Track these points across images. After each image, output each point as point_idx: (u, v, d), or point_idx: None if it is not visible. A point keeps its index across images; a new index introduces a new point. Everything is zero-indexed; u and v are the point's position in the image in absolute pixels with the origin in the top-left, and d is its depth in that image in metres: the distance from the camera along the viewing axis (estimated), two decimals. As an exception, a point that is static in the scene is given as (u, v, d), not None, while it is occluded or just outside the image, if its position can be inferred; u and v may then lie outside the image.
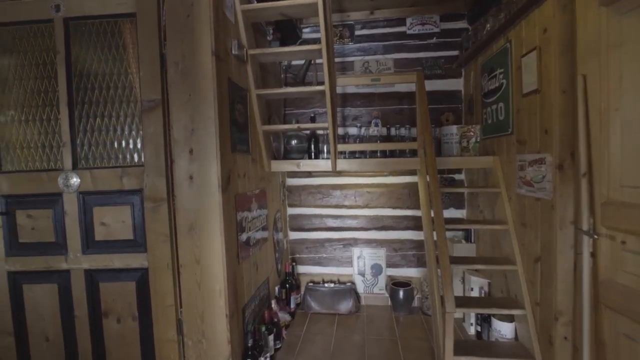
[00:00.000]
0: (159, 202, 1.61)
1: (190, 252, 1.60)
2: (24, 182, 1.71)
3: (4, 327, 1.75)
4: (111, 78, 1.64)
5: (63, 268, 1.70)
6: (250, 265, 1.95)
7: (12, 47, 1.68)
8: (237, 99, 1.84)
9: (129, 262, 1.66)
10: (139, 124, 1.63)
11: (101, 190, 1.66)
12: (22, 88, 1.69)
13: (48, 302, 1.72)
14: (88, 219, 1.68)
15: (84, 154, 1.68)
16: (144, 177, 1.62)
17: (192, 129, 1.56)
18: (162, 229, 1.62)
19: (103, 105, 1.66)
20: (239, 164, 1.84)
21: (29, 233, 1.72)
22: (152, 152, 1.60)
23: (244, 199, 1.87)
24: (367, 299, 2.78)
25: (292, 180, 2.90)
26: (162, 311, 1.64)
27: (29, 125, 1.70)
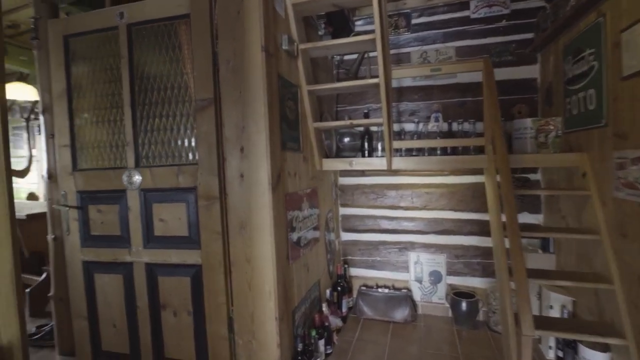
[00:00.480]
0: (211, 200, 1.62)
1: (241, 251, 1.59)
2: (95, 179, 1.84)
3: (80, 312, 1.91)
4: (168, 79, 1.69)
5: (127, 260, 1.80)
6: (301, 267, 1.89)
7: (86, 55, 1.82)
8: (287, 96, 1.79)
9: (184, 258, 1.70)
10: (193, 123, 1.66)
11: (160, 188, 1.72)
12: (94, 92, 1.82)
13: (115, 291, 1.84)
14: (148, 214, 1.76)
15: (145, 152, 1.76)
16: (198, 175, 1.64)
17: (243, 126, 1.54)
18: (215, 227, 1.62)
19: (161, 106, 1.71)
20: (290, 162, 1.78)
21: (99, 226, 1.85)
22: (205, 150, 1.61)
23: (294, 198, 1.81)
24: (424, 307, 2.58)
25: (344, 179, 2.80)
26: (215, 308, 1.65)
27: (99, 126, 1.83)
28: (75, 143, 1.88)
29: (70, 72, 1.85)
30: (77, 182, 1.87)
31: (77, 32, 1.80)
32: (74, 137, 1.88)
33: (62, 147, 1.89)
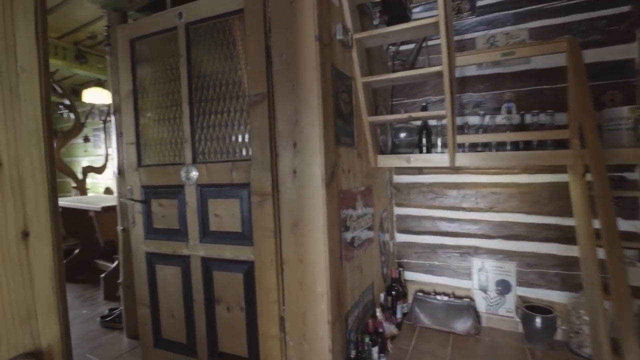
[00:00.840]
0: (264, 197, 1.59)
1: (293, 250, 1.54)
2: (157, 174, 1.92)
3: (143, 300, 2.02)
4: (223, 75, 1.70)
5: (185, 254, 1.85)
6: (354, 268, 1.80)
7: (149, 57, 1.90)
8: (341, 88, 1.70)
9: (237, 254, 1.70)
10: (247, 119, 1.64)
11: (215, 183, 1.74)
12: (156, 91, 1.90)
13: (173, 282, 1.91)
14: (204, 210, 1.79)
15: (201, 149, 1.79)
16: (251, 171, 1.62)
17: (296, 120, 1.48)
18: (267, 224, 1.59)
19: (216, 102, 1.73)
20: (344, 159, 1.69)
21: (160, 220, 1.93)
22: (258, 146, 1.59)
23: (348, 196, 1.72)
24: (489, 320, 2.33)
25: (400, 177, 2.63)
26: (267, 306, 1.62)
27: (161, 124, 1.90)
28: (140, 140, 1.99)
29: (135, 73, 1.96)
30: (141, 177, 1.97)
31: (141, 35, 1.89)
32: (138, 135, 1.98)
33: (129, 145, 2.00)
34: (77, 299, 3.28)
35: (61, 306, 0.61)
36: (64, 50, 3.82)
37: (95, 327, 2.63)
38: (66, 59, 3.88)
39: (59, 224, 0.60)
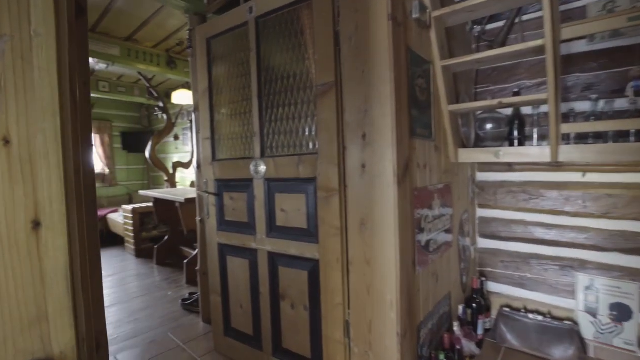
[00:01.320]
0: (330, 193, 1.50)
1: (360, 251, 1.42)
2: (228, 168, 1.98)
3: (215, 288, 2.12)
4: (291, 67, 1.65)
5: (252, 247, 1.87)
6: (429, 275, 1.61)
7: (223, 54, 1.96)
8: (417, 73, 1.52)
9: (302, 251, 1.65)
10: (314, 110, 1.57)
11: (281, 178, 1.72)
12: (229, 87, 1.95)
13: (242, 274, 1.95)
14: (271, 204, 1.78)
15: (269, 142, 1.78)
16: (317, 165, 1.55)
17: (366, 109, 1.36)
18: (333, 221, 1.51)
19: (284, 95, 1.69)
20: (419, 152, 1.52)
21: (231, 213, 1.99)
22: (325, 138, 1.51)
23: (424, 194, 1.54)
24: (599, 350, 1.90)
25: (484, 174, 2.32)
26: (331, 308, 1.54)
27: (232, 119, 1.95)
28: (215, 136, 2.07)
29: (211, 71, 2.04)
30: (215, 171, 2.05)
31: (216, 34, 1.96)
32: (213, 130, 2.07)
33: (204, 140, 2.11)
34: (165, 281, 3.65)
35: (79, 308, 0.55)
36: (157, 58, 4.28)
37: (177, 309, 2.87)
38: (159, 66, 4.33)
39: (80, 211, 0.56)
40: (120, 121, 6.95)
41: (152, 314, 2.78)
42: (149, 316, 2.75)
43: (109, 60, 3.83)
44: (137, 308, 2.93)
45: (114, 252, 5.04)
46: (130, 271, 4.06)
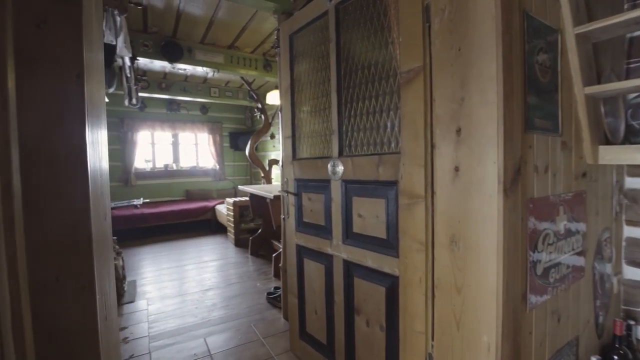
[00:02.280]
0: (414, 200, 1.27)
1: (449, 274, 1.15)
2: (307, 168, 1.90)
3: (292, 289, 2.08)
4: (372, 54, 1.46)
5: (328, 252, 1.75)
6: (546, 313, 1.22)
7: (304, 49, 1.89)
8: (538, 46, 1.15)
9: (380, 263, 1.45)
10: (398, 102, 1.35)
11: (359, 180, 1.55)
12: (309, 83, 1.87)
13: (317, 279, 1.85)
14: (348, 208, 1.62)
15: (348, 140, 1.63)
16: (400, 166, 1.33)
17: (462, 97, 1.08)
18: (417, 234, 1.27)
19: (364, 87, 1.51)
20: (538, 151, 1.15)
21: (309, 214, 1.91)
22: (409, 135, 1.27)
23: (543, 206, 1.17)
24: None
25: (636, 180, 1.71)
26: (410, 335, 1.31)
27: (312, 116, 1.86)
28: (295, 134, 2.02)
29: (293, 68, 1.99)
30: (295, 170, 2.01)
31: (297, 29, 1.90)
32: (294, 128, 2.02)
33: (286, 139, 2.08)
34: (256, 272, 3.87)
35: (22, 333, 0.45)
36: (255, 62, 4.56)
37: (263, 301, 2.98)
38: (257, 69, 4.62)
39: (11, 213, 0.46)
40: (229, 122, 7.76)
41: (240, 303, 2.95)
42: (238, 304, 2.92)
43: (215, 68, 4.24)
44: (229, 295, 3.16)
45: (219, 239, 5.63)
46: (229, 259, 4.45)
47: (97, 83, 0.53)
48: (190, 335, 2.38)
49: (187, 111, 7.01)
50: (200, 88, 5.98)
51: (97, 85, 0.51)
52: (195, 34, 3.77)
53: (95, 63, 0.50)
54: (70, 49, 0.43)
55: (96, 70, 0.50)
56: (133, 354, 2.16)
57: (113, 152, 6.28)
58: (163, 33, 3.73)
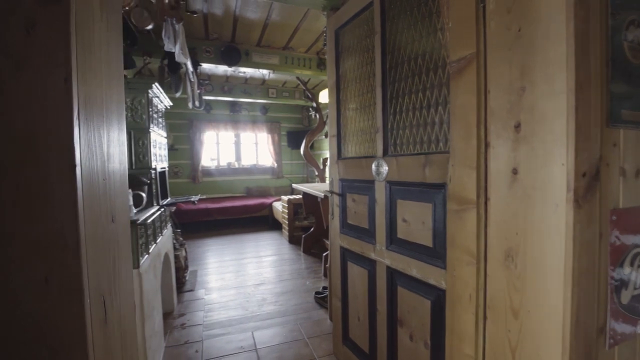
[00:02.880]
0: (464, 206, 1.12)
1: (504, 294, 0.99)
2: (351, 167, 1.83)
3: (336, 292, 2.03)
4: (419, 43, 1.33)
5: (371, 257, 1.66)
6: (636, 353, 0.99)
7: (349, 44, 1.81)
8: (626, 19, 0.92)
9: (425, 274, 1.33)
10: (447, 96, 1.21)
11: (404, 181, 1.43)
12: (354, 79, 1.79)
13: (360, 285, 1.77)
14: (392, 211, 1.52)
15: (393, 139, 1.52)
16: (449, 167, 1.19)
17: (522, 87, 0.91)
18: (467, 244, 1.12)
19: (410, 80, 1.39)
20: (627, 150, 0.93)
21: (353, 216, 1.84)
22: (459, 132, 1.13)
23: (631, 219, 0.94)
24: None
25: None
26: (457, 357, 1.16)
27: (357, 113, 1.78)
28: (340, 132, 1.96)
29: (339, 64, 1.93)
30: (340, 170, 1.95)
31: (343, 23, 1.83)
32: (339, 126, 1.96)
33: (332, 137, 2.03)
34: (306, 270, 3.90)
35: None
36: (309, 62, 4.59)
37: (310, 300, 2.98)
38: (311, 69, 4.64)
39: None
40: (287, 122, 7.97)
41: (289, 300, 2.99)
42: (287, 301, 2.96)
43: (271, 69, 4.36)
44: (279, 291, 3.23)
45: (275, 235, 5.82)
46: (282, 255, 4.56)
47: (101, 84, 0.54)
48: (239, 328, 2.47)
49: (248, 112, 7.36)
50: (259, 89, 6.23)
51: (99, 87, 0.52)
52: (252, 37, 3.92)
53: (97, 64, 0.50)
54: (56, 52, 0.44)
55: (98, 71, 0.50)
56: (188, 340, 2.32)
57: (183, 151, 6.89)
58: (223, 38, 3.94)
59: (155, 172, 2.27)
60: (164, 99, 2.55)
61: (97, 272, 0.49)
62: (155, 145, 2.34)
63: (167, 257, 2.64)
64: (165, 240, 2.52)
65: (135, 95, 2.10)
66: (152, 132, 2.23)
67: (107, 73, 0.54)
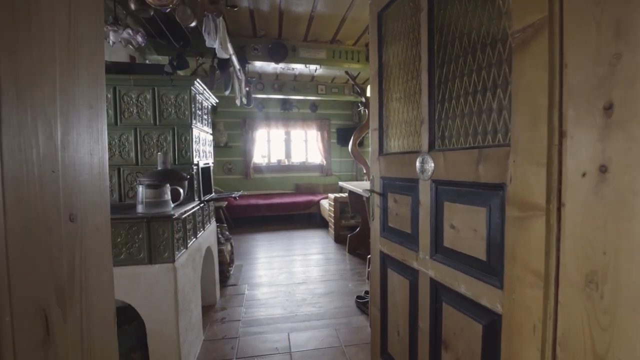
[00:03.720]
0: (530, 212, 0.89)
1: (583, 331, 0.75)
2: (393, 164, 1.64)
3: (375, 300, 1.85)
4: (473, 16, 1.11)
5: (413, 266, 1.47)
6: None
7: (393, 27, 1.62)
8: None
9: (476, 292, 1.10)
10: (508, 75, 0.98)
11: (453, 180, 1.22)
12: (397, 65, 1.60)
13: (401, 295, 1.59)
14: (438, 215, 1.31)
15: (440, 131, 1.30)
16: (509, 163, 0.96)
17: (615, 54, 0.67)
18: (532, 261, 0.89)
19: (462, 60, 1.17)
20: None
21: (394, 218, 1.65)
22: (524, 120, 0.90)
23: None
24: None
25: None
26: (517, 400, 0.94)
27: (400, 103, 1.59)
28: (383, 125, 1.78)
29: (381, 50, 1.75)
30: (381, 166, 1.77)
31: (386, 4, 1.64)
32: (381, 119, 1.78)
33: (373, 131, 1.86)
34: (350, 271, 3.75)
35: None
36: (357, 54, 4.40)
37: (351, 304, 2.83)
38: (360, 62, 4.46)
39: None
40: (336, 119, 7.86)
41: (329, 302, 2.88)
42: (327, 303, 2.85)
43: (318, 64, 4.27)
44: (320, 292, 3.13)
45: (321, 233, 5.75)
46: (327, 254, 4.47)
47: (53, 59, 0.46)
48: (276, 328, 2.42)
49: (298, 109, 7.40)
50: (308, 86, 6.20)
51: (41, 62, 0.45)
52: (298, 32, 3.86)
53: (39, 33, 0.43)
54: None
55: (44, 42, 0.43)
56: (225, 335, 2.32)
57: (236, 149, 7.16)
58: (270, 35, 3.95)
59: (197, 168, 2.30)
60: (209, 96, 2.59)
61: (35, 282, 0.41)
62: (199, 141, 2.37)
63: (210, 251, 2.69)
64: (207, 235, 2.57)
65: (179, 92, 2.14)
66: (195, 129, 2.26)
67: (66, 46, 0.47)
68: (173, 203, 1.82)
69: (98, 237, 0.55)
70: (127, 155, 2.11)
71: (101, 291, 0.55)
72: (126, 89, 2.08)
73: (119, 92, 2.07)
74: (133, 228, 1.67)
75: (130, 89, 2.08)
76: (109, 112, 2.07)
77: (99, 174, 0.55)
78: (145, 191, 1.70)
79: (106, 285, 0.58)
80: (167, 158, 2.00)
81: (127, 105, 2.10)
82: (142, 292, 1.69)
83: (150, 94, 2.10)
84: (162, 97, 2.12)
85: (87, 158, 0.52)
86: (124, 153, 2.10)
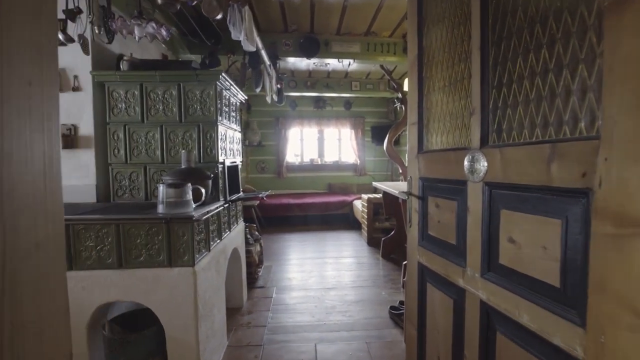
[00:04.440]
0: (631, 229, 0.66)
1: None
2: (435, 163, 1.42)
3: (411, 317, 1.64)
4: (547, -30, 0.87)
5: (459, 284, 1.24)
6: None
7: (434, 7, 1.39)
8: None
9: (545, 327, 0.87)
10: (596, 48, 0.74)
11: (513, 184, 0.98)
12: (442, 47, 1.37)
13: (443, 315, 1.36)
14: (493, 225, 1.08)
15: (496, 123, 1.07)
16: (597, 163, 0.72)
17: None
18: (633, 294, 0.65)
19: (528, 32, 0.93)
20: None
21: (436, 226, 1.43)
22: (623, 103, 0.66)
23: None
24: None
25: None
26: None
27: (445, 92, 1.36)
28: (423, 118, 1.56)
29: (421, 34, 1.53)
30: (420, 166, 1.55)
31: (430, -25, 1.42)
32: (421, 111, 1.56)
33: (411, 126, 1.64)
34: (384, 278, 3.52)
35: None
36: (394, 47, 4.14)
37: (384, 315, 2.62)
38: (396, 54, 4.19)
39: None
40: (371, 117, 7.59)
41: (360, 311, 2.68)
42: (358, 312, 2.66)
43: (352, 58, 4.07)
44: (351, 299, 2.94)
45: (354, 235, 5.55)
46: (359, 258, 4.26)
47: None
48: (302, 337, 2.27)
49: (331, 107, 7.23)
50: (342, 83, 6.02)
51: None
52: (331, 24, 3.69)
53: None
54: None
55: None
56: (250, 342, 2.22)
57: (269, 147, 7.14)
58: (302, 29, 3.81)
59: (223, 167, 2.21)
60: (236, 92, 2.50)
61: None
62: (225, 139, 2.29)
63: (237, 252, 2.61)
64: (234, 236, 2.48)
65: (204, 88, 2.06)
66: (221, 125, 2.17)
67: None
68: (195, 203, 1.73)
69: (39, 256, 0.41)
70: (153, 153, 2.06)
71: (50, 335, 0.42)
72: (153, 86, 2.04)
73: (145, 88, 2.03)
74: (153, 229, 1.60)
75: (157, 85, 2.03)
76: (136, 110, 2.04)
77: (43, 172, 0.42)
78: (166, 190, 1.63)
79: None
80: (191, 156, 1.92)
81: (154, 102, 2.05)
82: (161, 295, 1.62)
83: (176, 90, 2.04)
84: (187, 93, 2.05)
85: (22, 151, 0.39)
86: (150, 151, 2.06)
